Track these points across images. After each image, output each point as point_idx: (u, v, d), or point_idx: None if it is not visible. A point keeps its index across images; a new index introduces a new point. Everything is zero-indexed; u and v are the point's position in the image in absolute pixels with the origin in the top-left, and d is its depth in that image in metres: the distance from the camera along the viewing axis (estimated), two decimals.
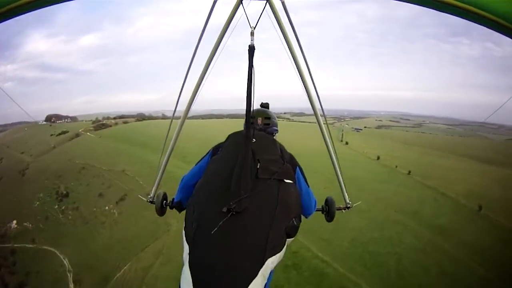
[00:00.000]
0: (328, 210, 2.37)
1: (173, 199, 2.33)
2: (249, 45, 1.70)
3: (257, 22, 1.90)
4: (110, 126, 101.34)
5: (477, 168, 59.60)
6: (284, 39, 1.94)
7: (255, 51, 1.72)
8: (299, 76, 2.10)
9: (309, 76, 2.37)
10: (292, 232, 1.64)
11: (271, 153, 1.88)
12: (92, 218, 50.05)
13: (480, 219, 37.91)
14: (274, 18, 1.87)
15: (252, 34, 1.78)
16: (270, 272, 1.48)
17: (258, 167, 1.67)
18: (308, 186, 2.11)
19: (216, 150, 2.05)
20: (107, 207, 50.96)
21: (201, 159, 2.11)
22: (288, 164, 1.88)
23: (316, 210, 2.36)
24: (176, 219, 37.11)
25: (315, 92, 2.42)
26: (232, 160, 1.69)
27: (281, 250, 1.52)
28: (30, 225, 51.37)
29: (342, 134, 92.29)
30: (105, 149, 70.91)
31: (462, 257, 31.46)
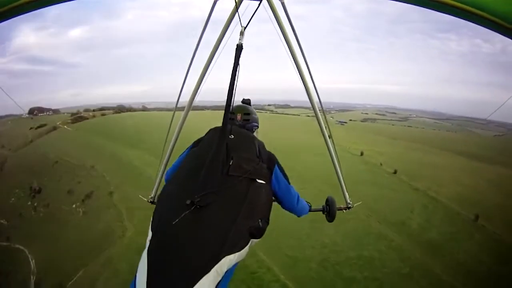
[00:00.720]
0: (329, 210, 2.41)
1: None
2: (237, 44, 1.71)
3: (248, 22, 1.85)
4: (87, 118, 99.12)
5: (467, 165, 53.61)
6: (284, 39, 1.96)
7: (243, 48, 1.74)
8: (298, 74, 2.12)
9: (309, 74, 2.35)
10: (257, 233, 1.59)
11: (247, 151, 1.85)
12: (61, 217, 46.90)
13: (478, 232, 31.04)
14: (274, 18, 1.88)
15: (241, 33, 1.78)
16: (228, 271, 1.43)
17: (230, 164, 1.66)
18: (289, 183, 2.06)
19: (196, 144, 2.01)
20: (74, 205, 48.43)
21: (183, 152, 2.07)
22: (265, 163, 1.86)
23: (317, 211, 2.45)
24: (132, 223, 36.03)
25: (314, 91, 2.39)
26: (205, 155, 1.68)
27: (241, 249, 1.48)
28: (6, 222, 49.28)
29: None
30: (79, 143, 67.74)
31: (458, 286, 24.91)
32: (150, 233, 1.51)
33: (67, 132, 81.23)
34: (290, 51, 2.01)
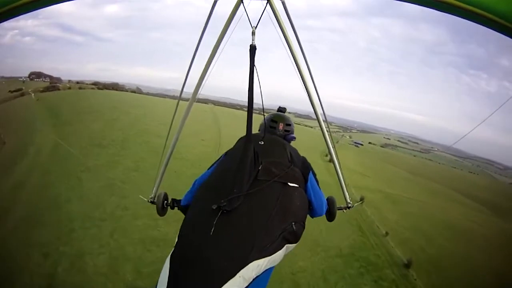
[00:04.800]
0: (329, 210, 2.32)
1: (173, 199, 2.33)
2: (250, 45, 1.67)
3: (258, 22, 1.82)
4: (59, 89, 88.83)
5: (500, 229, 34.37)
6: (284, 40, 1.86)
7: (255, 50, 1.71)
8: (299, 75, 1.98)
9: (310, 76, 2.28)
10: (291, 237, 1.54)
11: (278, 156, 1.84)
12: None
13: None
14: (275, 18, 1.81)
15: (253, 34, 1.76)
16: (258, 277, 1.34)
17: (259, 168, 1.64)
18: (320, 189, 2.04)
19: (226, 154, 2.01)
20: None
21: (213, 163, 2.04)
22: (297, 168, 1.83)
23: None
24: None
25: (315, 92, 2.26)
26: (234, 161, 1.68)
27: (273, 254, 1.42)
28: None
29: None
30: (29, 115, 52.70)
31: None
32: (176, 238, 1.49)
33: (28, 100, 69.28)
34: (290, 51, 1.90)
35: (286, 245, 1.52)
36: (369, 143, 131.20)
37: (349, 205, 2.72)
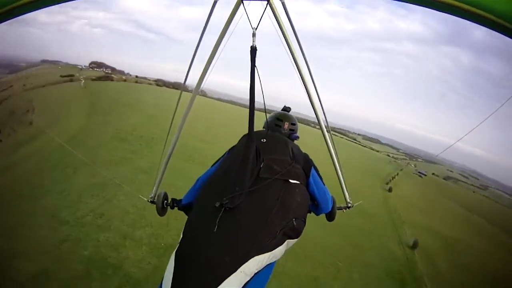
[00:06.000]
0: (329, 210, 2.25)
1: (172, 199, 2.33)
2: (251, 46, 1.68)
3: (259, 23, 1.80)
4: (112, 80, 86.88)
5: None
6: (284, 41, 1.85)
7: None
8: (299, 76, 1.96)
9: (310, 77, 2.21)
10: (292, 233, 1.58)
11: (279, 153, 1.85)
12: None
13: None
14: (275, 19, 1.79)
15: (253, 35, 1.75)
16: (259, 272, 1.39)
17: (261, 166, 1.66)
18: (324, 185, 2.07)
19: (229, 151, 2.03)
20: None
21: (216, 161, 2.06)
22: (299, 165, 1.85)
23: None
24: None
25: (315, 92, 2.21)
26: (236, 159, 1.70)
27: (273, 249, 1.45)
28: None
29: (395, 176, 56.44)
30: (67, 101, 51.92)
31: None
32: (181, 235, 1.52)
33: (76, 86, 70.52)
34: (290, 51, 1.88)
35: (287, 240, 1.56)
36: (433, 174, 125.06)
37: (349, 205, 2.71)
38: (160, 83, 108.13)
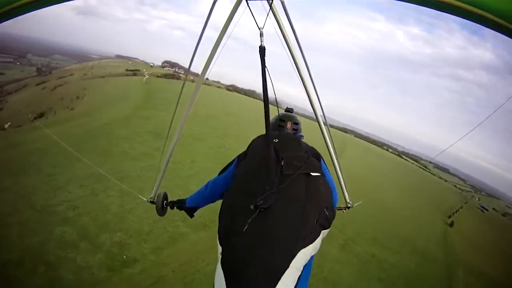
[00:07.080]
0: (335, 206, 2.13)
1: (178, 200, 2.38)
2: (259, 46, 1.64)
3: (265, 22, 1.74)
4: (178, 79, 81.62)
5: None
6: (284, 41, 1.87)
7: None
8: (298, 75, 2.01)
9: (309, 77, 2.17)
10: (325, 223, 1.60)
11: (294, 150, 1.89)
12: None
13: None
14: (275, 19, 1.79)
15: (261, 35, 1.70)
16: (306, 265, 1.44)
17: (282, 164, 1.68)
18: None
19: (241, 156, 2.03)
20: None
21: (226, 168, 2.09)
22: (313, 158, 1.88)
23: None
24: None
25: (314, 92, 2.21)
26: (256, 161, 1.73)
27: (314, 241, 1.48)
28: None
29: (459, 208, 50.19)
30: (120, 93, 55.26)
31: None
32: (220, 248, 1.49)
33: (137, 80, 70.29)
34: (290, 51, 1.90)
35: (322, 231, 1.58)
36: (493, 209, 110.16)
37: (349, 205, 2.72)
38: (231, 88, 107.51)
